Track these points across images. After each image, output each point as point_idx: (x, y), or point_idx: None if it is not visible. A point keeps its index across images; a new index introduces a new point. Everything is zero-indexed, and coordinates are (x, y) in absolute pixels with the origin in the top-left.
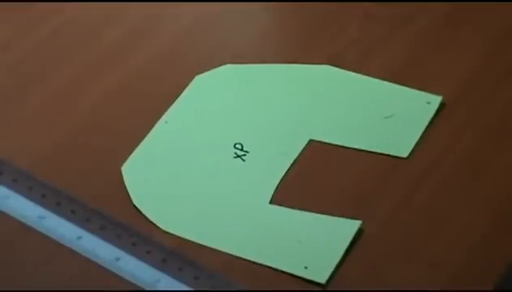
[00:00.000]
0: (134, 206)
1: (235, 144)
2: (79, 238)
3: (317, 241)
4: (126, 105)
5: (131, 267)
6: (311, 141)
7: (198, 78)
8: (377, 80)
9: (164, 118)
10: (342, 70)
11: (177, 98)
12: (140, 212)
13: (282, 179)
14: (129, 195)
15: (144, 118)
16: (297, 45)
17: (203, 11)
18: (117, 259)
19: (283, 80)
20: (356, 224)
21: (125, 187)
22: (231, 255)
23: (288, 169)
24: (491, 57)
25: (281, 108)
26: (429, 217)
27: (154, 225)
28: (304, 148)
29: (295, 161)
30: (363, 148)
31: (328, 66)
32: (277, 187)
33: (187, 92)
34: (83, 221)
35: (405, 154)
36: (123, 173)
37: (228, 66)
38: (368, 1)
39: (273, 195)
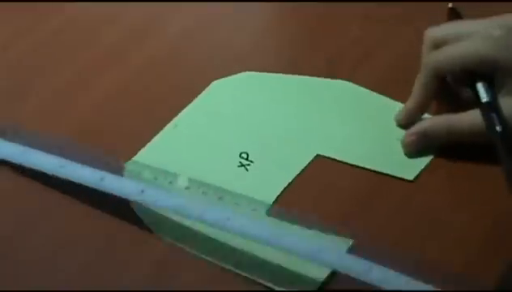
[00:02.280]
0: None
1: (241, 153)
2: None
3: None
4: (127, 107)
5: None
6: (318, 156)
7: (214, 83)
8: (393, 101)
9: (174, 121)
10: (359, 87)
11: (175, 99)
12: None
13: (283, 192)
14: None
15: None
16: (297, 46)
17: (203, 12)
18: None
19: (298, 92)
20: (347, 242)
21: None
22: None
23: (291, 183)
24: None
25: (292, 120)
26: (429, 218)
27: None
28: (309, 163)
29: (299, 175)
30: (369, 167)
31: (346, 82)
32: (276, 200)
33: (202, 96)
34: None
35: (411, 177)
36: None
37: (247, 73)
38: (368, 1)
39: (270, 208)
